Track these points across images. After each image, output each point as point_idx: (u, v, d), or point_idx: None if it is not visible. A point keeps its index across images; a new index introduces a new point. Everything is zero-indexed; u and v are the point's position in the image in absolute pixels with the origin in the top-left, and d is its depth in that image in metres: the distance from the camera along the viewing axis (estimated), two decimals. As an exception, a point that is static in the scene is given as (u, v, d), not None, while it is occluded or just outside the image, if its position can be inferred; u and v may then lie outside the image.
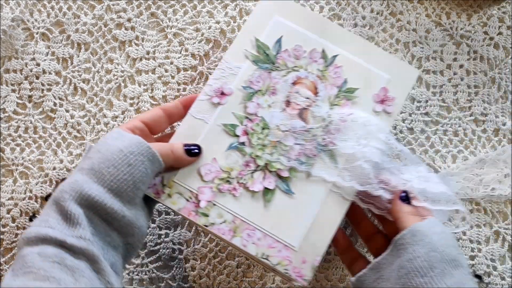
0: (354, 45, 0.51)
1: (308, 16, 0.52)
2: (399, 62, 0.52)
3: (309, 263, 0.46)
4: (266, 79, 0.50)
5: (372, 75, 0.50)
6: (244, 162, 0.48)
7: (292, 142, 0.48)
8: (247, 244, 0.46)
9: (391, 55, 0.52)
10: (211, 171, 0.47)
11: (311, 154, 0.48)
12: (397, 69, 0.50)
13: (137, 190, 0.42)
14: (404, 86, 0.50)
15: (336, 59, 0.50)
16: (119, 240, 0.42)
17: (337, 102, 0.49)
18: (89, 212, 0.40)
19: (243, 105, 0.49)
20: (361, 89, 0.50)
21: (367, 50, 0.51)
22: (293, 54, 0.50)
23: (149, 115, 0.48)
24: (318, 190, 0.47)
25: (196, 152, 0.47)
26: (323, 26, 0.51)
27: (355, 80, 0.50)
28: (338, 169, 0.47)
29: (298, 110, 0.49)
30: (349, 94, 0.50)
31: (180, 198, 0.46)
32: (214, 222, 0.46)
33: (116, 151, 0.42)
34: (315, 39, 0.51)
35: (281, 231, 0.46)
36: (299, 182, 0.47)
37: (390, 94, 0.50)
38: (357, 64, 0.50)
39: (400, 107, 0.50)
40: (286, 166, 0.47)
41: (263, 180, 0.47)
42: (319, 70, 0.50)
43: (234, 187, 0.47)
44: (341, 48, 0.51)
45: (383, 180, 0.47)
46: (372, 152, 0.47)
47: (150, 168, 0.43)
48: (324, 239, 0.46)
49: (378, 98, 0.50)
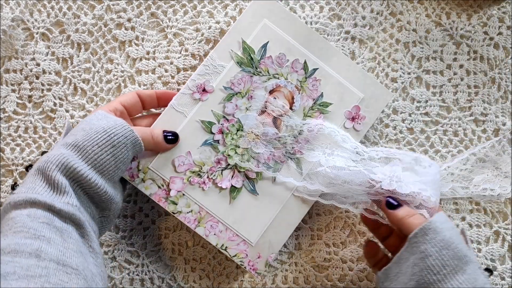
0: (336, 61, 0.53)
1: (296, 24, 0.53)
2: (376, 84, 0.54)
3: (263, 259, 0.51)
4: (247, 82, 0.52)
5: (348, 92, 0.53)
6: (216, 159, 0.51)
7: (263, 147, 0.52)
8: (209, 235, 0.51)
9: (369, 75, 0.54)
10: (184, 163, 0.51)
11: (279, 160, 0.52)
12: (373, 90, 0.53)
13: (118, 170, 0.45)
14: (376, 107, 0.53)
15: (316, 72, 0.53)
16: (96, 213, 0.45)
17: (310, 114, 0.53)
18: (73, 184, 0.42)
19: (222, 105, 0.52)
20: (335, 105, 0.53)
21: (347, 67, 0.53)
22: (276, 62, 0.53)
23: (128, 99, 0.50)
24: (281, 193, 0.52)
25: (173, 139, 0.50)
26: (308, 37, 0.53)
27: (331, 95, 0.53)
28: (303, 175, 0.52)
29: (272, 117, 0.52)
30: (323, 108, 0.53)
31: (153, 184, 0.51)
32: (182, 211, 0.51)
33: (101, 131, 0.44)
34: (299, 49, 0.53)
35: (241, 226, 0.51)
36: (265, 184, 0.52)
37: (361, 113, 0.53)
38: (335, 80, 0.53)
39: (369, 126, 0.53)
40: (254, 168, 0.51)
41: (231, 178, 0.51)
42: (298, 81, 0.53)
43: (204, 181, 0.51)
44: (323, 62, 0.53)
45: (348, 181, 0.49)
46: (336, 159, 0.50)
47: (131, 151, 0.46)
48: (280, 238, 0.51)
49: (349, 115, 0.53)
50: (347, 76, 0.53)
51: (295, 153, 0.52)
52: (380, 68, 0.58)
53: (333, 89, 0.53)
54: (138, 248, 0.57)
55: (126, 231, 0.57)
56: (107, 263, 0.56)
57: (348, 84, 0.53)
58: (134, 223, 0.57)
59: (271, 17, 0.53)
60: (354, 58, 0.59)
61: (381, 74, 0.58)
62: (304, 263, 0.56)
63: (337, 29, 0.59)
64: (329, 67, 0.53)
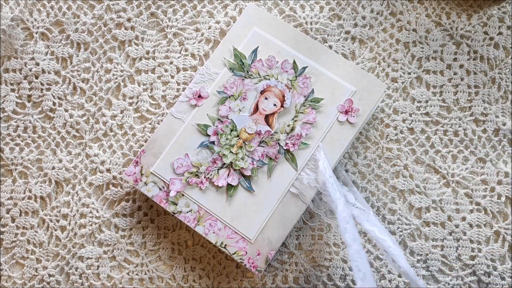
0: (325, 58, 0.55)
1: (284, 29, 0.56)
2: (367, 76, 0.54)
3: (263, 256, 0.51)
4: (239, 85, 0.54)
5: (339, 86, 0.54)
6: (212, 159, 0.53)
7: (256, 144, 0.53)
8: (208, 233, 0.52)
9: (360, 69, 0.55)
10: (183, 165, 0.53)
11: (273, 156, 0.53)
12: (365, 83, 0.54)
13: None
14: (370, 99, 0.54)
15: (305, 70, 0.54)
16: None
17: (302, 110, 0.54)
18: None
19: (217, 108, 0.54)
20: (327, 99, 0.54)
21: (337, 63, 0.55)
22: (266, 64, 0.55)
23: None
24: (277, 189, 0.52)
25: None
26: (296, 39, 0.55)
27: (322, 90, 0.54)
28: (298, 169, 0.53)
29: (264, 115, 0.54)
30: (315, 104, 0.54)
31: (154, 186, 0.53)
32: (181, 211, 0.52)
33: None
34: (288, 51, 0.55)
35: (239, 223, 0.52)
36: (260, 181, 0.52)
37: (354, 106, 0.54)
38: (326, 76, 0.54)
39: (365, 118, 0.54)
40: (249, 166, 0.52)
41: (227, 176, 0.53)
42: (289, 80, 0.54)
43: (201, 181, 0.53)
44: (312, 60, 0.55)
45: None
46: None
47: None
48: (280, 235, 0.52)
49: (342, 108, 0.54)
50: (337, 72, 0.54)
51: (289, 149, 0.53)
52: (380, 68, 0.58)
53: (324, 85, 0.54)
54: (137, 247, 0.56)
55: (126, 231, 0.57)
56: (106, 263, 0.56)
57: (339, 79, 0.54)
58: (133, 222, 0.57)
59: (260, 24, 0.55)
60: (354, 58, 0.59)
61: (381, 74, 0.58)
62: (304, 263, 0.56)
63: (337, 29, 0.59)
64: (318, 64, 0.54)
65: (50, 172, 0.57)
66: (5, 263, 0.56)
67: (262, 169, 0.53)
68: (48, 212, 0.57)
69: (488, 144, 0.58)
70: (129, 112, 0.58)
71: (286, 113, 0.54)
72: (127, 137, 0.58)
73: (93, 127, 0.58)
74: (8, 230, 0.57)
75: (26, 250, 0.57)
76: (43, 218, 0.57)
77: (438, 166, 0.57)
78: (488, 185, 0.57)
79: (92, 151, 0.57)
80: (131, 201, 0.57)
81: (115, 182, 0.57)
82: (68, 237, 0.56)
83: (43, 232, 0.57)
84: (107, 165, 0.57)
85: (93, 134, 0.58)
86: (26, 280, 0.56)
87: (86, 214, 0.57)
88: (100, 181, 0.57)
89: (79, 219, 0.57)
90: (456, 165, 0.57)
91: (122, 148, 0.58)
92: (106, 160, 0.57)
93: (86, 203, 0.57)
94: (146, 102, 0.58)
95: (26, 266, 0.56)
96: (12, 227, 0.57)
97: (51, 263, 0.56)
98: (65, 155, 0.58)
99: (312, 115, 0.54)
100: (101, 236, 0.56)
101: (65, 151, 0.58)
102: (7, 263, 0.56)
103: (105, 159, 0.57)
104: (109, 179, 0.57)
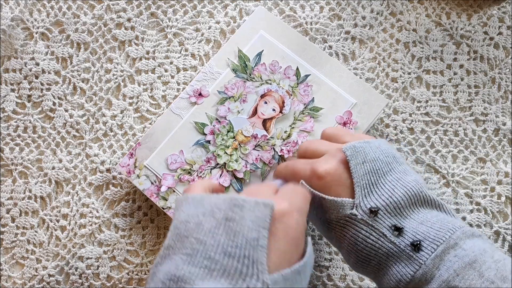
0: (329, 68, 0.55)
1: (290, 35, 0.56)
2: (369, 90, 0.54)
3: None
4: (240, 87, 0.55)
5: (340, 98, 0.54)
6: (206, 158, 0.53)
7: (251, 147, 0.53)
8: None
9: (362, 82, 0.54)
10: (177, 161, 0.53)
11: (267, 161, 0.53)
12: (366, 96, 0.54)
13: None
14: (370, 112, 0.54)
15: (308, 78, 0.55)
16: None
17: (301, 118, 0.54)
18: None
19: (216, 108, 0.54)
20: (326, 110, 0.54)
21: (340, 74, 0.55)
22: (269, 68, 0.55)
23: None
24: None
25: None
26: (302, 46, 0.55)
27: (323, 100, 0.54)
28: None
29: (262, 119, 0.54)
30: (314, 112, 0.54)
31: (147, 180, 0.53)
32: (171, 206, 0.53)
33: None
34: (292, 57, 0.55)
35: None
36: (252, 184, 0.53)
37: (353, 118, 0.54)
38: (328, 86, 0.54)
39: (363, 131, 0.53)
40: (242, 168, 0.53)
41: (219, 177, 0.53)
42: (290, 86, 0.55)
43: (193, 179, 0.53)
44: (316, 69, 0.55)
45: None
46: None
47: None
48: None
49: (341, 120, 0.54)
50: (340, 83, 0.54)
51: (284, 154, 0.53)
52: (380, 68, 0.58)
53: (325, 95, 0.54)
54: (137, 247, 0.56)
55: (125, 230, 0.57)
56: (106, 263, 0.56)
57: (341, 90, 0.54)
58: (133, 222, 0.57)
59: (267, 28, 0.55)
60: (354, 58, 0.59)
61: (381, 74, 0.58)
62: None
63: (337, 29, 0.59)
64: (321, 74, 0.55)
65: (50, 172, 0.57)
66: (5, 263, 0.56)
67: (255, 173, 0.53)
68: (48, 212, 0.57)
69: (488, 144, 0.58)
70: (129, 112, 0.58)
71: (284, 119, 0.54)
72: (127, 137, 0.58)
73: (93, 127, 0.58)
74: (8, 230, 0.57)
75: (26, 250, 0.57)
76: (43, 218, 0.57)
77: (438, 166, 0.57)
78: (488, 185, 0.57)
79: (92, 151, 0.57)
80: (131, 201, 0.57)
81: (115, 182, 0.57)
82: (68, 237, 0.56)
83: (43, 232, 0.57)
84: (107, 165, 0.57)
85: (93, 134, 0.58)
86: (26, 280, 0.56)
87: (86, 214, 0.57)
88: (100, 181, 0.57)
89: (79, 219, 0.57)
90: (456, 165, 0.57)
91: (122, 148, 0.58)
92: (106, 160, 0.57)
93: (86, 203, 0.57)
94: (146, 102, 0.58)
95: (26, 266, 0.56)
96: (12, 227, 0.57)
97: (51, 263, 0.56)
98: (65, 155, 0.57)
99: (310, 124, 0.54)
100: (101, 236, 0.56)
101: (65, 151, 0.58)
102: (7, 263, 0.56)
103: (105, 159, 0.57)
104: (109, 179, 0.57)
